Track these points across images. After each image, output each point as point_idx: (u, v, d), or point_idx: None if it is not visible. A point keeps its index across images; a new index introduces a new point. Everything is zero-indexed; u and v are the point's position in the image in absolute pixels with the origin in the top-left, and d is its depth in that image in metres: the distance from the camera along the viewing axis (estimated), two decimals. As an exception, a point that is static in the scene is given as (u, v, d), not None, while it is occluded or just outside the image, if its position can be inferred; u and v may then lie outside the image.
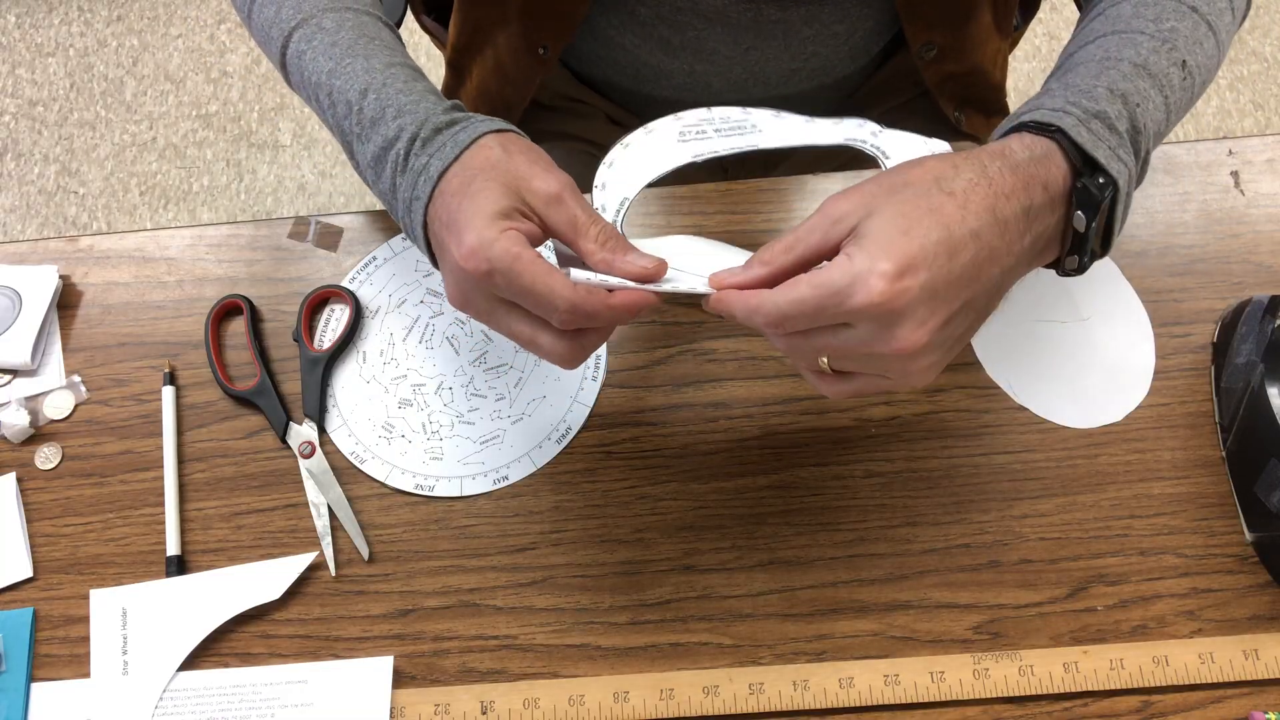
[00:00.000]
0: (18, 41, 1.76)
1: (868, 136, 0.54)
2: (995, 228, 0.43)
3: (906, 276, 0.41)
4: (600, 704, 0.55)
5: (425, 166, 0.48)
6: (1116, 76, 0.47)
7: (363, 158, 0.53)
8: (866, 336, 0.42)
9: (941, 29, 0.67)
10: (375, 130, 0.51)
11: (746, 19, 0.64)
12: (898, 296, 0.40)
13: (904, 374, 0.44)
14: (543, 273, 0.44)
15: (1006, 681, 0.54)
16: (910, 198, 0.42)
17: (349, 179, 1.62)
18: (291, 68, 0.56)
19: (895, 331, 0.41)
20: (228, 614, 0.58)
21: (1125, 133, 0.46)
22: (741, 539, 0.59)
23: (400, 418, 0.62)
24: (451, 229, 0.46)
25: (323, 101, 0.54)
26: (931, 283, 0.41)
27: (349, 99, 0.52)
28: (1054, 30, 1.67)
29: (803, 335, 0.44)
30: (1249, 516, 0.57)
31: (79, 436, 0.63)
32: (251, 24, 0.58)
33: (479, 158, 0.48)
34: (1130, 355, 0.62)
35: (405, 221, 0.51)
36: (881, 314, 0.41)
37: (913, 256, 0.41)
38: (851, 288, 0.41)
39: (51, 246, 0.68)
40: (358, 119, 0.52)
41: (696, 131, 0.54)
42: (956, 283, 0.42)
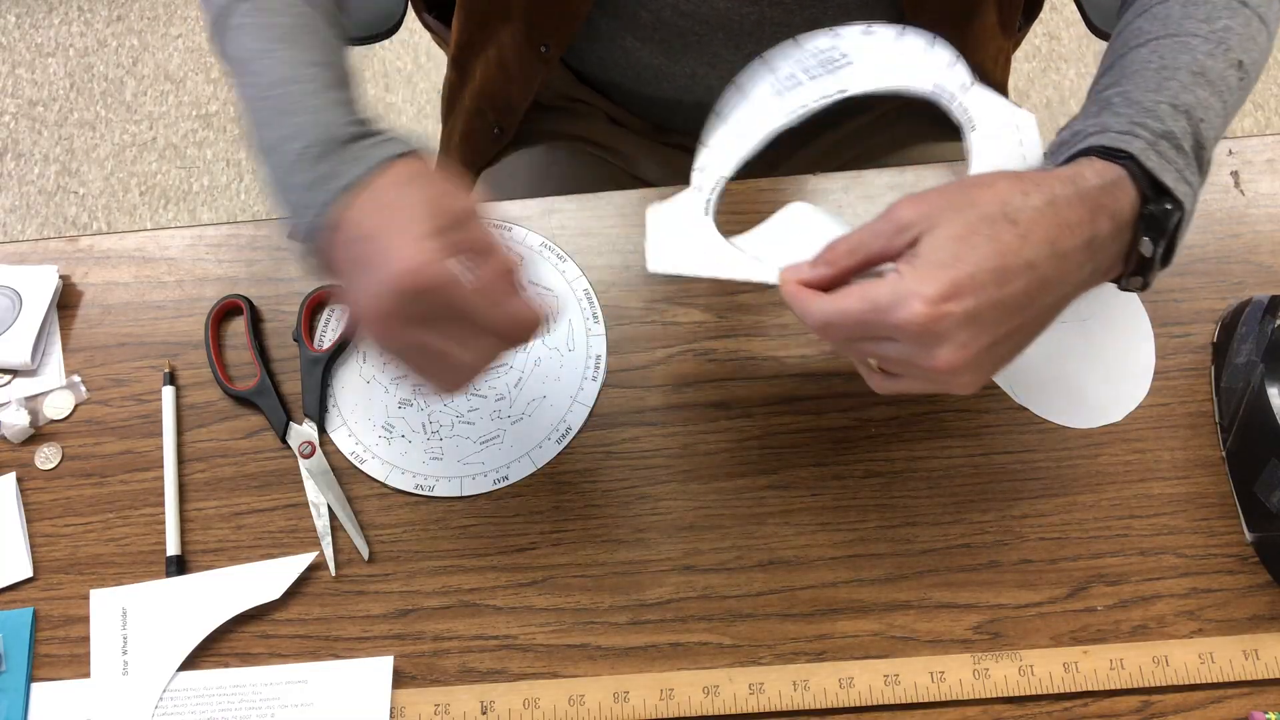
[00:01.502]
0: (18, 41, 1.76)
1: (957, 91, 0.54)
2: (1053, 260, 0.43)
3: (950, 301, 0.41)
4: (600, 704, 0.55)
5: (332, 174, 0.47)
6: (1177, 88, 0.47)
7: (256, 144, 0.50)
8: (907, 352, 0.43)
9: (946, 27, 0.67)
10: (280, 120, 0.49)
11: (749, 22, 0.64)
12: (938, 320, 0.41)
13: (945, 386, 0.45)
14: (473, 296, 0.45)
15: (1006, 681, 0.54)
16: (972, 220, 0.43)
17: (349, 179, 1.62)
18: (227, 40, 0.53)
19: (934, 352, 0.42)
20: (228, 614, 0.58)
21: (1190, 150, 0.46)
22: (741, 539, 0.58)
23: (400, 418, 0.62)
24: (378, 244, 0.44)
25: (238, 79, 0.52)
26: (977, 309, 0.42)
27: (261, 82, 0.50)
28: (1054, 30, 1.67)
29: (850, 340, 0.45)
30: (1249, 516, 0.57)
31: (79, 436, 0.63)
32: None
33: (396, 173, 0.47)
34: (1130, 355, 0.62)
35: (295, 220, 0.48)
36: (921, 335, 0.42)
37: (960, 283, 0.41)
38: (894, 305, 0.42)
39: (51, 246, 0.68)
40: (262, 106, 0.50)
41: (789, 81, 0.54)
42: (1004, 310, 0.42)
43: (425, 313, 0.44)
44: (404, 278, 0.43)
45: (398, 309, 0.44)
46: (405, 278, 0.43)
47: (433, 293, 0.43)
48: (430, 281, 0.43)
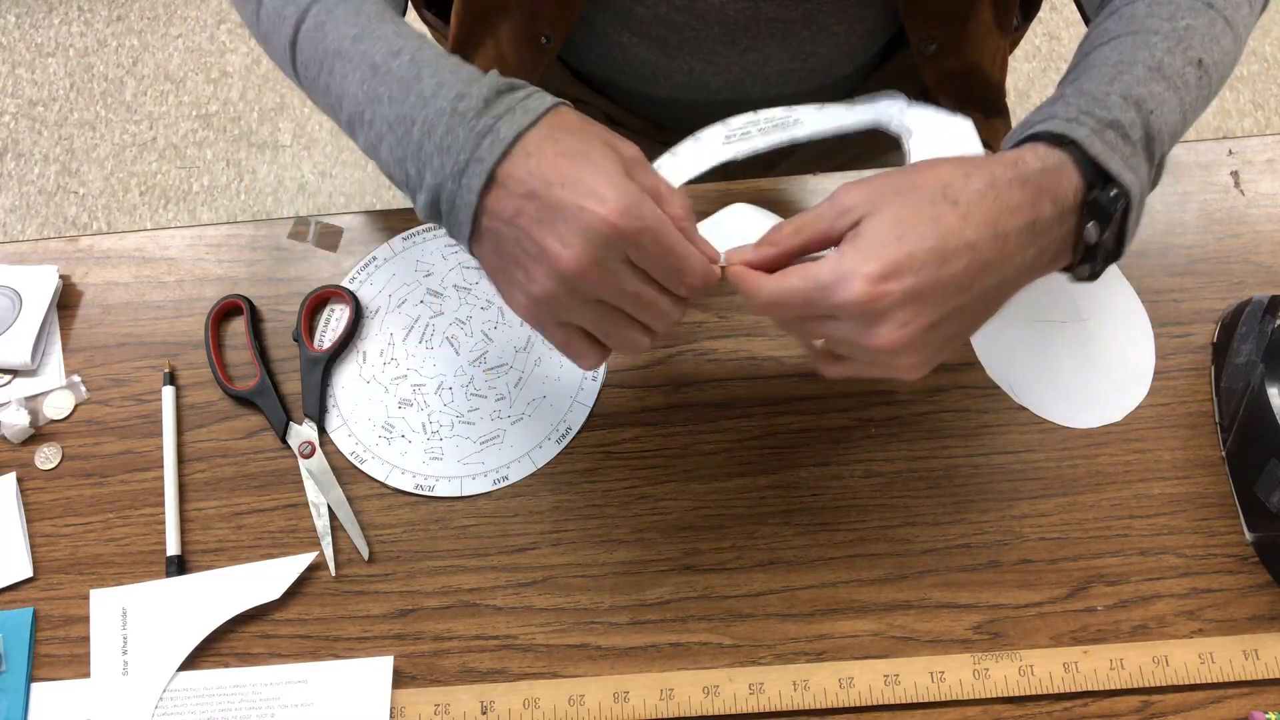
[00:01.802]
0: (18, 41, 1.76)
1: (895, 114, 0.56)
2: (994, 241, 0.43)
3: (890, 280, 0.42)
4: (600, 704, 0.55)
5: (492, 128, 0.44)
6: (1130, 81, 0.47)
7: (379, 120, 0.48)
8: (850, 331, 0.44)
9: (942, 23, 0.67)
10: (405, 90, 0.47)
11: (744, 18, 0.64)
12: (878, 299, 0.42)
13: (890, 368, 0.45)
14: (681, 237, 0.45)
15: (1006, 681, 0.54)
16: (913, 202, 0.43)
17: (349, 179, 1.62)
18: (304, 42, 0.52)
19: (875, 330, 0.43)
20: (228, 614, 0.58)
21: (1139, 141, 0.46)
22: (741, 539, 0.59)
23: (400, 418, 0.62)
24: (580, 189, 0.42)
25: (336, 70, 0.50)
26: (916, 288, 0.42)
27: (374, 61, 0.48)
28: (1054, 30, 1.67)
29: (795, 320, 0.46)
30: (1249, 516, 0.57)
31: (79, 436, 0.63)
32: (261, 9, 0.55)
33: (561, 121, 0.45)
34: (1130, 355, 0.62)
35: (445, 187, 0.45)
36: (861, 313, 0.42)
37: (899, 262, 0.42)
38: (835, 285, 0.43)
39: (51, 246, 0.68)
40: (383, 80, 0.47)
41: (741, 134, 0.56)
42: (944, 290, 0.43)
43: (633, 257, 0.43)
44: (622, 216, 0.42)
45: (608, 253, 0.43)
46: (623, 217, 0.42)
47: (646, 233, 0.43)
48: (645, 221, 0.42)
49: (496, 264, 0.46)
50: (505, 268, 0.46)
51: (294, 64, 0.54)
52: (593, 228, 0.42)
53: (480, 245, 0.46)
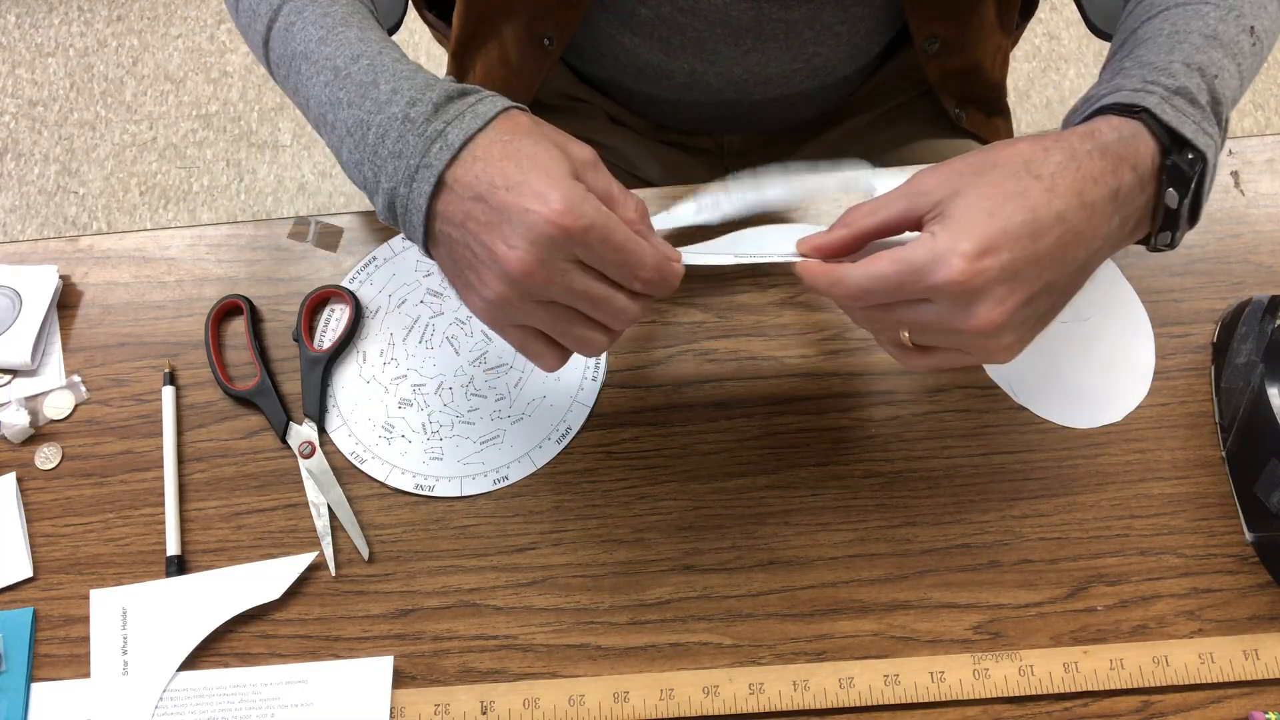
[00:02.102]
0: (18, 41, 1.76)
1: (862, 178, 0.58)
2: (1082, 211, 0.43)
3: (987, 257, 0.41)
4: (600, 704, 0.55)
5: (442, 134, 0.45)
6: (1190, 50, 0.48)
7: (340, 123, 0.49)
8: (945, 313, 0.43)
9: (946, 21, 0.68)
10: (362, 95, 0.48)
11: (748, 19, 0.64)
12: (976, 276, 0.41)
13: (984, 350, 0.44)
14: (631, 233, 0.44)
15: (1006, 681, 0.54)
16: (998, 179, 0.43)
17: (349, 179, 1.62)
18: (275, 42, 0.53)
19: (973, 310, 0.42)
20: (228, 614, 0.58)
21: (1207, 105, 0.47)
22: (741, 539, 0.58)
23: (400, 418, 0.62)
24: (524, 190, 0.43)
25: (303, 72, 0.51)
26: (1013, 264, 0.42)
27: (336, 65, 0.49)
28: (1054, 30, 1.67)
29: (883, 309, 0.45)
30: (1249, 516, 0.57)
31: (79, 436, 0.63)
32: (240, 4, 0.56)
33: (511, 125, 0.46)
34: (1130, 355, 0.62)
35: (398, 192, 0.46)
36: (959, 292, 0.42)
37: (994, 238, 0.42)
38: (932, 265, 0.42)
39: (51, 246, 0.68)
40: (343, 84, 0.48)
41: (711, 203, 0.57)
42: (1039, 264, 0.42)
43: (581, 256, 0.43)
44: (564, 216, 0.42)
45: (554, 253, 0.43)
46: (566, 216, 0.42)
47: (592, 231, 0.43)
48: (590, 220, 0.42)
49: (451, 268, 0.47)
50: (459, 271, 0.46)
51: (268, 62, 0.55)
52: (536, 229, 0.42)
53: (435, 249, 0.47)
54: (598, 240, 0.43)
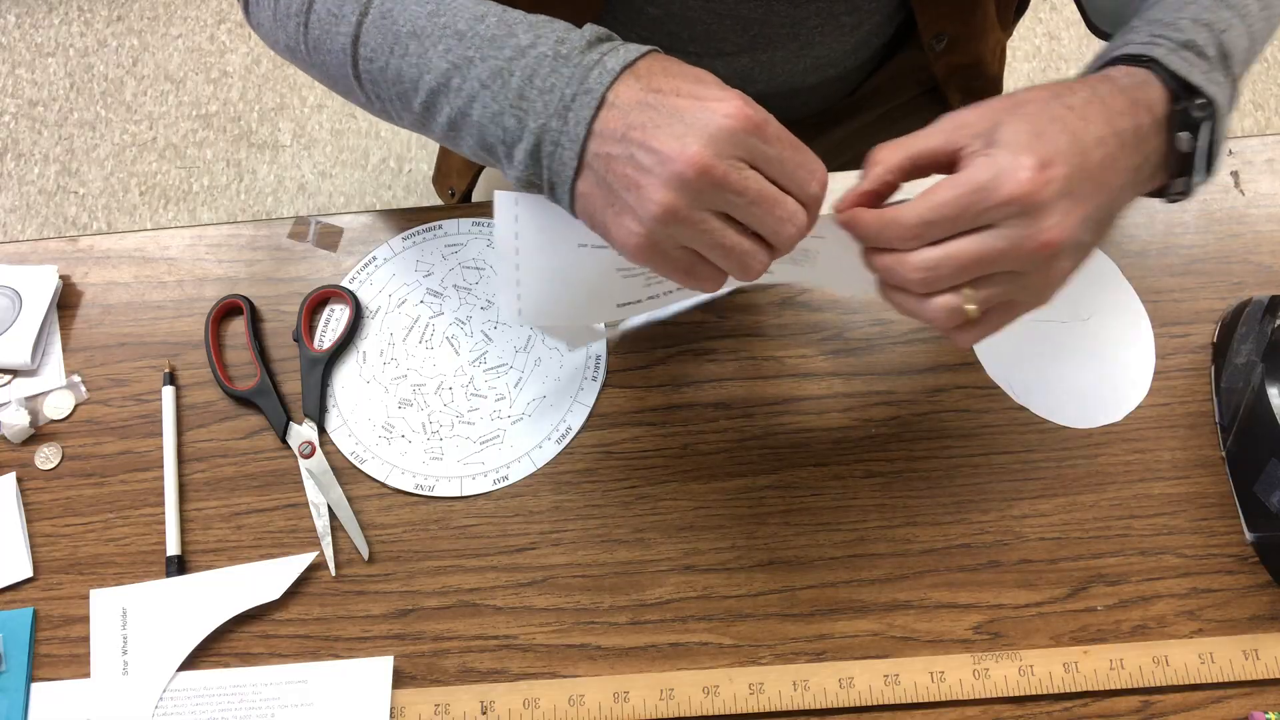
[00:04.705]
0: (18, 41, 1.76)
1: None
2: (1114, 139, 0.44)
3: (1050, 169, 0.41)
4: (600, 704, 0.55)
5: (599, 62, 0.43)
6: (1197, 9, 0.48)
7: (470, 82, 0.46)
8: (1011, 235, 0.41)
9: (952, 19, 0.68)
10: (498, 46, 0.45)
11: (758, 14, 0.64)
12: (1044, 186, 0.41)
13: (1045, 280, 0.43)
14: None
15: (1006, 681, 0.54)
16: (1034, 111, 0.43)
17: (349, 179, 1.62)
18: (368, 33, 0.50)
19: (1041, 224, 0.41)
20: (228, 614, 0.58)
21: (1215, 58, 0.47)
22: (741, 539, 0.58)
23: (400, 418, 0.62)
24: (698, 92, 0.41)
25: (410, 50, 0.48)
26: (1071, 177, 0.42)
27: (458, 29, 0.46)
28: (1054, 30, 1.67)
29: (940, 251, 0.43)
30: (1249, 516, 0.57)
31: (79, 436, 0.63)
32: (312, 15, 0.52)
33: (666, 58, 0.44)
34: (1130, 355, 0.62)
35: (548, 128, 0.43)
36: (1029, 204, 0.41)
37: (1050, 154, 0.41)
38: (997, 180, 0.41)
39: (51, 246, 0.68)
40: (471, 43, 0.46)
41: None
42: (1091, 181, 0.42)
43: (759, 153, 0.41)
44: (744, 109, 0.40)
45: (732, 148, 0.40)
46: (746, 109, 0.40)
47: (770, 125, 0.41)
48: (767, 116, 0.41)
49: (603, 198, 0.43)
50: (615, 196, 0.42)
51: (355, 61, 0.51)
52: (713, 123, 0.40)
53: (584, 181, 0.43)
54: (774, 136, 0.41)
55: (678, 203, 0.40)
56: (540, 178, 0.44)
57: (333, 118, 1.66)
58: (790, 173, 0.42)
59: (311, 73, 0.56)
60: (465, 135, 0.47)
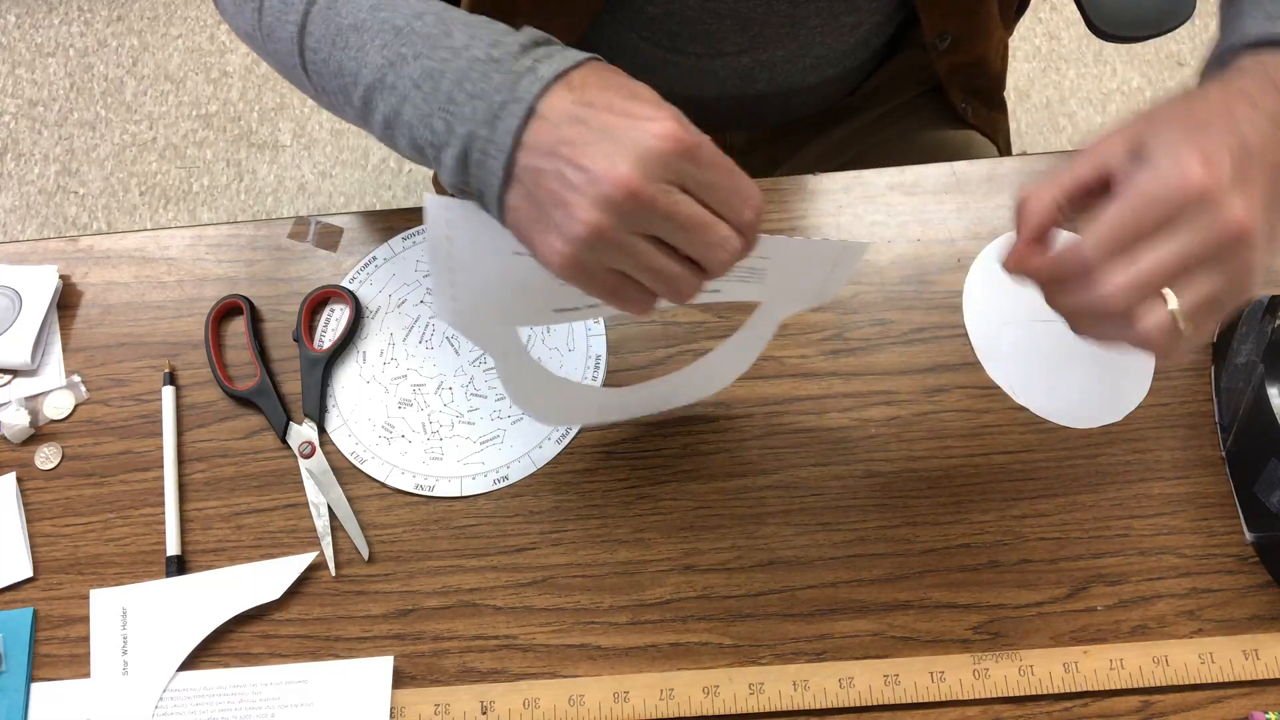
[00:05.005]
0: (18, 41, 1.76)
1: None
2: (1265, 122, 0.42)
3: (1215, 159, 0.40)
4: (600, 704, 0.55)
5: (531, 69, 0.41)
6: None
7: (403, 80, 0.45)
8: (1201, 230, 0.40)
9: (956, 18, 0.68)
10: (433, 45, 0.44)
11: (757, 12, 0.64)
12: (1218, 176, 0.39)
13: (1246, 269, 0.41)
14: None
15: (1006, 681, 0.54)
16: (1175, 120, 0.42)
17: (349, 179, 1.62)
18: (314, 23, 0.49)
19: (1227, 211, 0.39)
20: (228, 614, 0.58)
21: None
22: (741, 539, 0.58)
23: (400, 418, 0.62)
24: (630, 110, 0.40)
25: (351, 44, 0.47)
26: (1236, 163, 0.40)
27: (396, 25, 0.45)
28: (1054, 30, 1.67)
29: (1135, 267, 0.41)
30: (1249, 516, 0.57)
31: (79, 436, 0.63)
32: (266, 2, 0.52)
33: (603, 67, 0.43)
34: (1130, 355, 0.62)
35: (476, 135, 0.42)
36: (1209, 196, 0.39)
37: (1209, 147, 0.40)
38: (1169, 185, 0.39)
39: (51, 246, 0.68)
40: (406, 40, 0.45)
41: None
42: (1256, 163, 0.41)
43: (689, 177, 0.40)
44: (677, 130, 0.39)
45: (661, 171, 0.39)
46: (678, 130, 0.39)
47: (703, 149, 0.40)
48: (701, 138, 0.39)
49: (532, 213, 0.42)
50: (543, 212, 0.41)
51: (300, 51, 0.50)
52: (643, 143, 0.39)
53: (513, 194, 0.42)
54: (708, 160, 0.40)
55: (605, 224, 0.39)
56: (469, 185, 0.43)
57: (333, 118, 1.66)
58: (724, 199, 0.41)
59: (267, 61, 0.55)
60: (398, 135, 0.46)
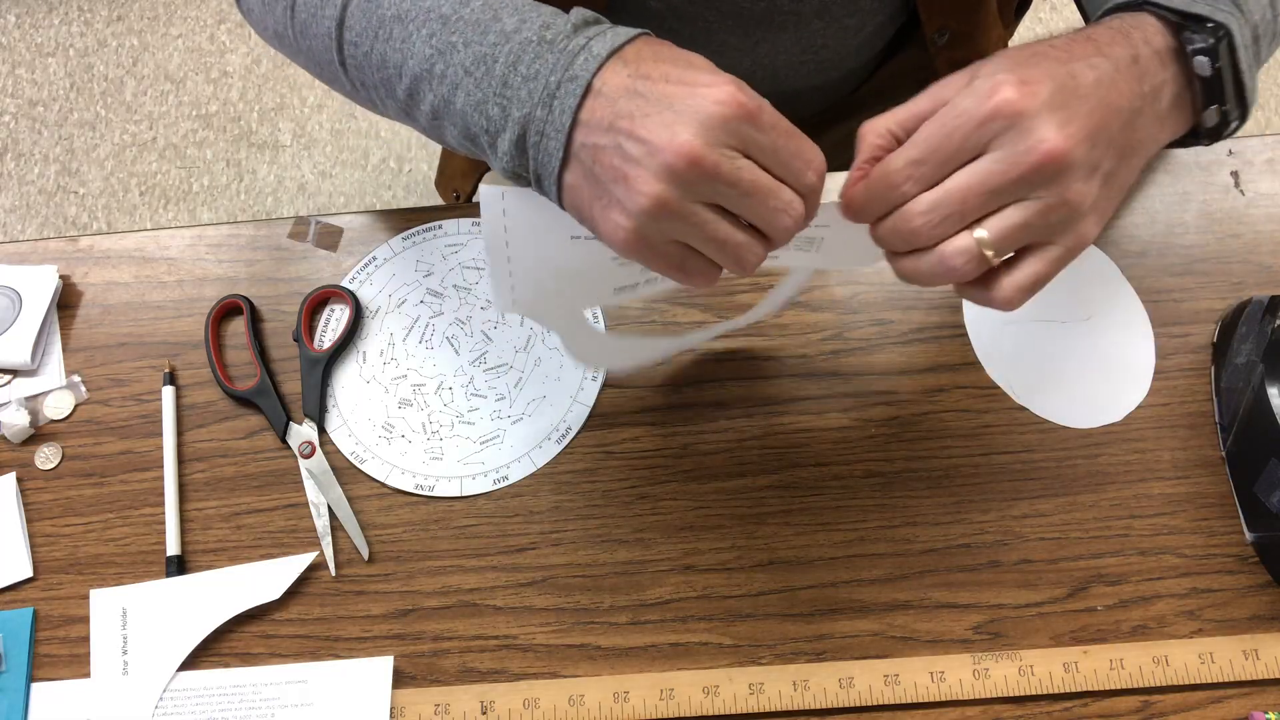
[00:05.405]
0: (18, 41, 1.76)
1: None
2: (1107, 62, 0.41)
3: (1032, 83, 0.39)
4: (600, 704, 0.55)
5: (585, 47, 0.41)
6: None
7: (454, 68, 0.44)
8: (1006, 152, 0.39)
9: (956, 14, 0.68)
10: (483, 31, 0.43)
11: (759, 10, 0.64)
12: (1028, 97, 0.39)
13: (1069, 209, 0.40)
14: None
15: (1006, 681, 0.54)
16: (1014, 52, 0.42)
17: (349, 179, 1.62)
18: (353, 17, 0.48)
19: (1036, 135, 0.38)
20: (228, 614, 0.58)
21: None
22: (741, 539, 0.58)
23: (400, 418, 0.62)
24: (688, 78, 0.39)
25: (395, 35, 0.46)
26: (1056, 90, 0.39)
27: (443, 13, 0.45)
28: (1054, 30, 1.67)
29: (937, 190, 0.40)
30: (1249, 516, 0.57)
31: (79, 436, 0.63)
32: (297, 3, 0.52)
33: (656, 42, 0.42)
34: (1130, 355, 0.62)
35: (533, 117, 0.41)
36: (1015, 115, 0.39)
37: (1031, 73, 0.39)
38: (978, 99, 0.39)
39: (51, 246, 0.68)
40: (455, 28, 0.44)
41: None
42: (1083, 98, 0.40)
43: (752, 142, 0.39)
44: (737, 94, 0.38)
45: (724, 136, 0.38)
46: (739, 94, 0.38)
47: (765, 112, 0.39)
48: (762, 101, 0.39)
49: (590, 190, 0.41)
50: (602, 188, 0.40)
51: (339, 45, 0.50)
52: (704, 109, 0.38)
53: (571, 173, 0.41)
54: (769, 123, 0.39)
55: (667, 195, 0.38)
56: (526, 169, 0.43)
57: (333, 118, 1.66)
58: (785, 162, 0.40)
59: (298, 60, 0.54)
60: (449, 125, 0.46)
